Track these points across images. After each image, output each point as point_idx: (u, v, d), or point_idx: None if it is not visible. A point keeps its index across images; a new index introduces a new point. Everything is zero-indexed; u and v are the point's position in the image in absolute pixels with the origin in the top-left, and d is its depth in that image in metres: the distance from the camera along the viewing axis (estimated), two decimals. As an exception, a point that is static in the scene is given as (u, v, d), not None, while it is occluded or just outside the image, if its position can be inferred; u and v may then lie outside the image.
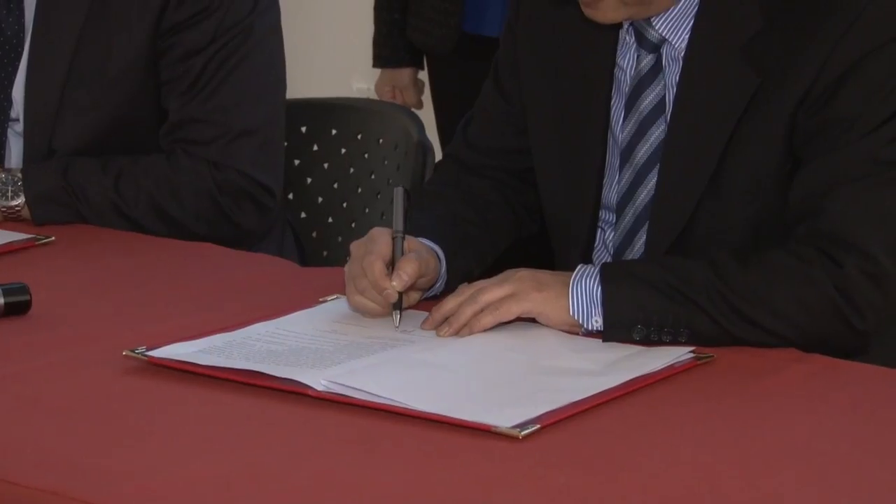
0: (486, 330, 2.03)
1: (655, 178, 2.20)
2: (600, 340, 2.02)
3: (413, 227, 2.17)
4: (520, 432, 1.68)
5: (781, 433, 1.76)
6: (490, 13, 3.42)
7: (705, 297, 2.00)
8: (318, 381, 1.82)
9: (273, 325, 2.05)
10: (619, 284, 2.02)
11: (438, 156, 2.88)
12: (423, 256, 2.11)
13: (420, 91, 3.65)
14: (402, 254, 2.08)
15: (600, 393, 1.82)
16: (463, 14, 3.44)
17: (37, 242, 2.44)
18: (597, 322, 2.02)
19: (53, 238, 2.45)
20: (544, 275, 2.07)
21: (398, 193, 2.14)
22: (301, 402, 1.80)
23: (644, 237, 2.22)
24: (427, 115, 3.51)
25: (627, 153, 2.23)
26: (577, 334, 2.04)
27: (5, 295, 2.11)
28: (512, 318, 2.03)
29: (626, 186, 2.24)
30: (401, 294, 2.05)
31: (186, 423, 1.79)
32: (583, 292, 2.02)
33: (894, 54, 2.08)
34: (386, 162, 2.89)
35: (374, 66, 3.65)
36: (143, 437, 1.73)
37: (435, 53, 3.57)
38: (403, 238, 2.10)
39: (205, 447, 1.70)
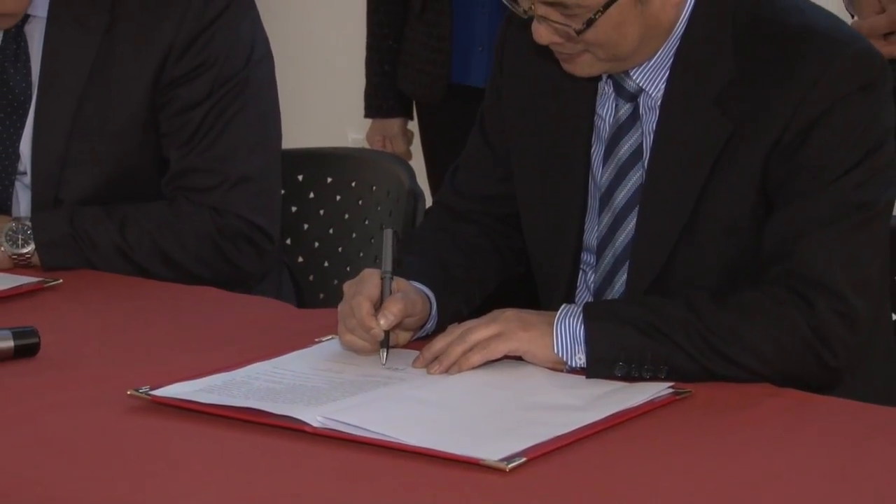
0: (474, 367, 2.02)
1: (634, 221, 2.19)
2: (584, 377, 2.01)
3: (404, 270, 2.17)
4: (507, 465, 1.67)
5: (757, 465, 1.76)
6: (475, 65, 3.43)
7: (683, 335, 2.00)
8: (315, 417, 1.82)
9: (271, 365, 2.05)
10: (600, 323, 2.02)
11: (429, 202, 2.89)
12: (409, 296, 2.11)
13: (409, 141, 3.66)
14: (390, 293, 2.08)
15: (584, 427, 1.82)
16: (450, 66, 3.45)
17: (45, 286, 2.43)
18: (580, 359, 2.02)
19: (61, 281, 2.45)
20: (529, 315, 2.07)
21: (387, 235, 2.14)
22: (298, 437, 1.80)
23: (624, 277, 2.21)
24: (417, 163, 3.51)
25: (607, 197, 2.22)
26: (562, 371, 2.04)
27: (15, 338, 2.11)
28: (499, 356, 2.03)
29: (605, 229, 2.24)
30: (387, 332, 2.05)
31: (189, 460, 1.78)
32: (566, 331, 2.02)
33: (861, 103, 2.08)
34: (379, 208, 2.90)
35: (366, 116, 3.66)
36: (147, 473, 1.72)
37: (424, 103, 3.57)
38: (391, 279, 2.10)
39: (207, 482, 1.70)
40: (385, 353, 2.06)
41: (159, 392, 1.94)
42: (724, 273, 2.15)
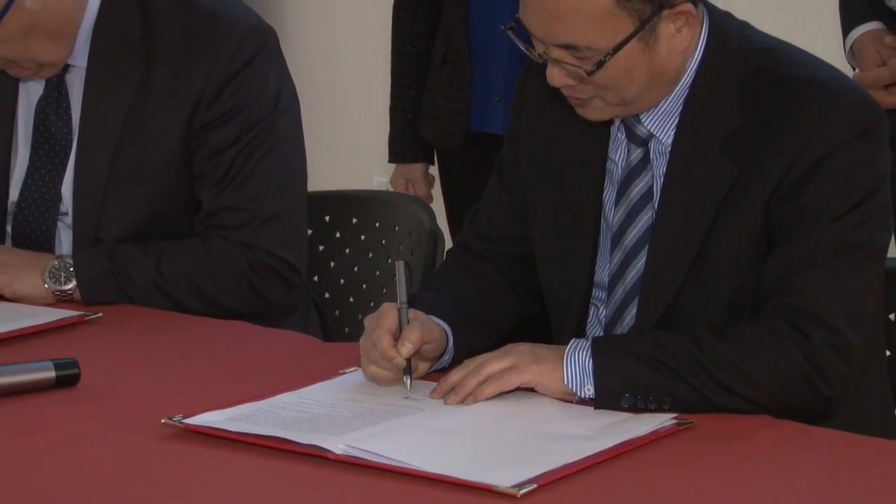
0: (488, 398, 2.03)
1: (644, 259, 2.20)
2: (592, 408, 2.02)
3: (423, 306, 2.19)
4: (518, 491, 1.69)
5: (755, 493, 1.76)
6: (493, 113, 3.43)
7: (686, 368, 2.01)
8: (337, 445, 1.83)
9: (297, 395, 2.06)
10: (608, 357, 2.02)
11: (448, 243, 2.90)
12: (426, 324, 2.12)
13: (430, 184, 3.66)
14: (408, 322, 2.10)
15: (592, 455, 1.82)
16: (469, 114, 3.46)
17: (85, 319, 2.44)
18: (589, 391, 2.02)
19: (101, 315, 2.46)
20: (541, 348, 2.08)
21: (399, 267, 2.16)
22: (321, 464, 1.81)
23: (633, 312, 2.22)
24: (438, 205, 3.51)
25: (618, 237, 2.23)
26: (571, 402, 2.04)
27: (56, 368, 2.12)
28: (512, 387, 2.03)
29: (616, 266, 2.24)
30: (409, 360, 2.07)
31: (219, 485, 1.80)
32: (576, 364, 2.03)
33: (859, 149, 2.08)
34: (401, 247, 2.90)
35: (390, 161, 3.66)
36: (179, 498, 1.74)
37: (444, 149, 3.57)
38: (407, 308, 2.12)
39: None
40: (409, 381, 2.08)
41: (191, 420, 1.95)
42: (728, 308, 2.14)
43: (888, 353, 2.36)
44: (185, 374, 2.21)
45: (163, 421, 1.95)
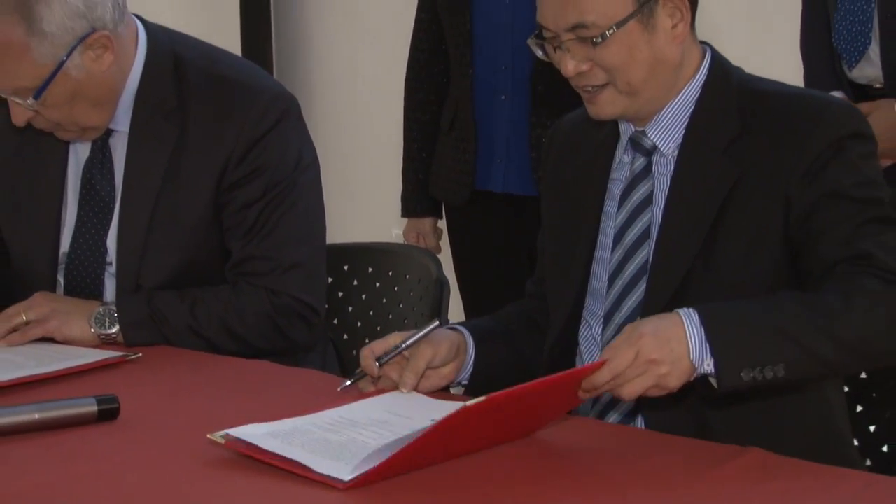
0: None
1: (643, 254, 2.20)
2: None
3: (468, 325, 2.27)
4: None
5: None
6: (495, 174, 3.44)
7: (805, 331, 1.95)
8: (348, 473, 1.82)
9: (335, 413, 2.05)
10: (725, 335, 1.95)
11: (454, 290, 2.91)
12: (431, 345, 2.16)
13: (439, 237, 3.66)
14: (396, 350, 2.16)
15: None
16: (474, 175, 3.46)
17: (127, 359, 2.44)
18: (709, 366, 1.94)
19: (140, 355, 2.45)
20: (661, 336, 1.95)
21: (432, 324, 2.19)
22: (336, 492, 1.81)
23: (631, 301, 2.20)
24: (445, 256, 3.53)
25: (618, 237, 2.23)
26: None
27: (98, 403, 2.12)
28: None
29: (616, 264, 2.24)
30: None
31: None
32: (695, 341, 1.95)
33: (857, 143, 2.10)
34: (411, 294, 2.90)
35: (403, 216, 3.67)
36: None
37: (452, 206, 3.58)
38: (403, 349, 2.16)
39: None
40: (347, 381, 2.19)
41: (233, 432, 1.95)
42: (736, 292, 2.10)
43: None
44: (217, 409, 2.19)
45: (207, 436, 1.96)
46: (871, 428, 2.29)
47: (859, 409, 2.30)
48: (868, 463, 2.29)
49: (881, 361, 2.02)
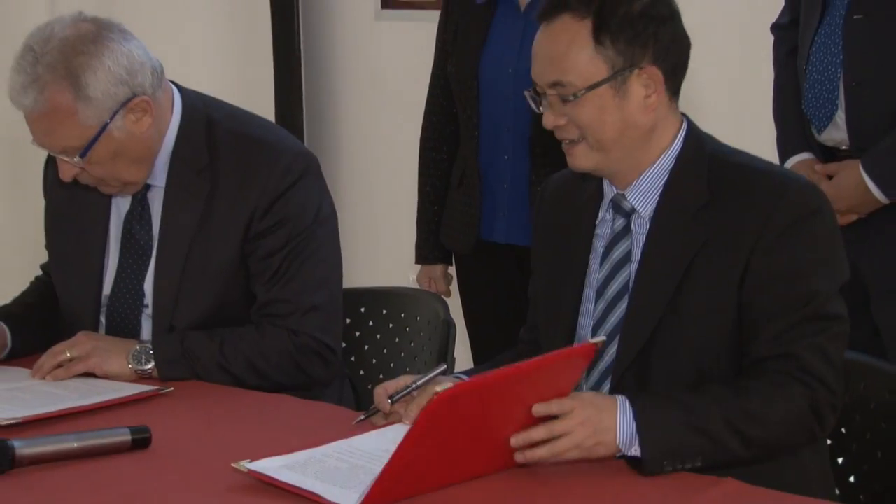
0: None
1: (623, 307, 2.17)
2: None
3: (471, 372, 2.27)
4: None
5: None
6: (498, 226, 3.41)
7: (719, 431, 1.98)
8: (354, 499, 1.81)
9: (347, 444, 2.04)
10: (653, 431, 1.97)
11: (461, 331, 2.89)
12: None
13: (449, 282, 3.65)
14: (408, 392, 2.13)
15: None
16: (479, 227, 3.43)
17: (160, 393, 2.42)
18: (636, 451, 1.96)
19: (172, 389, 2.43)
20: (601, 417, 1.98)
21: (440, 367, 2.20)
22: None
23: (611, 352, 2.17)
24: (455, 299, 3.51)
25: (601, 290, 2.21)
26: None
27: (132, 433, 2.11)
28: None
29: (599, 315, 2.21)
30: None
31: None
32: (626, 431, 1.97)
33: (814, 222, 2.08)
34: (421, 334, 2.88)
35: (416, 262, 3.65)
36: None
37: (460, 254, 3.55)
38: (413, 389, 2.14)
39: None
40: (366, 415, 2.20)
41: (254, 465, 1.94)
42: (697, 349, 2.10)
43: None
44: (241, 439, 2.16)
45: (232, 465, 1.94)
46: (851, 479, 2.24)
47: (840, 460, 2.25)
48: (838, 493, 2.24)
49: (785, 453, 2.05)
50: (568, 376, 1.98)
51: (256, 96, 4.80)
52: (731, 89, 3.78)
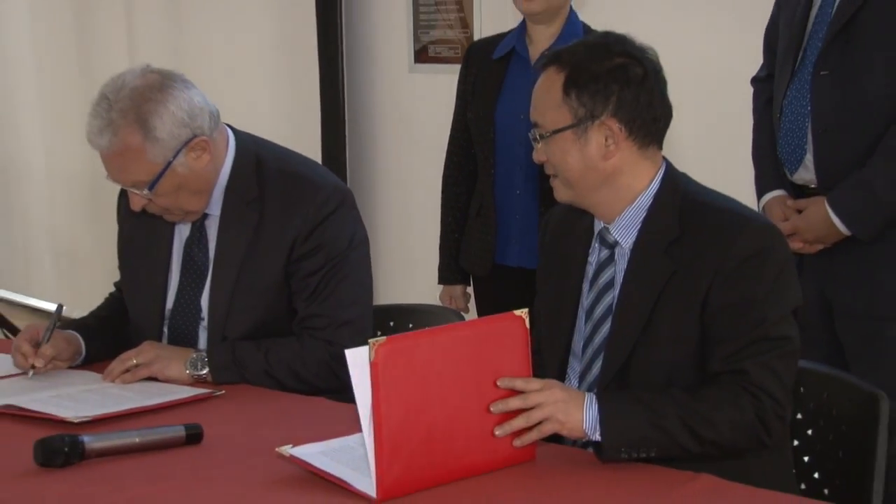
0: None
1: (607, 327, 2.18)
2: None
3: None
4: None
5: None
6: (511, 251, 3.42)
7: (674, 425, 1.98)
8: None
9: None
10: (614, 419, 1.98)
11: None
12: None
13: (467, 300, 3.64)
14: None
15: None
16: (495, 252, 3.44)
17: (212, 395, 2.43)
18: (597, 437, 1.97)
19: (224, 392, 2.45)
20: (572, 401, 2.00)
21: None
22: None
23: (598, 365, 2.18)
24: (472, 316, 3.51)
25: (589, 312, 2.22)
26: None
27: (186, 430, 2.13)
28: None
29: (587, 334, 2.22)
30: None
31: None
32: (591, 418, 1.97)
33: (769, 258, 2.07)
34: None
35: (439, 283, 3.66)
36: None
37: (477, 276, 3.56)
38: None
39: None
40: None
41: (295, 450, 1.96)
42: (666, 365, 2.11)
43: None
44: (283, 435, 2.16)
45: (276, 450, 1.96)
46: (816, 475, 2.25)
47: (807, 459, 2.26)
48: (803, 487, 2.25)
49: (732, 453, 2.04)
50: (511, 347, 1.94)
51: (306, 136, 4.85)
52: (717, 134, 3.79)
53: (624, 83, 2.11)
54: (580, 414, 1.97)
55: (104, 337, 2.71)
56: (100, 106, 2.44)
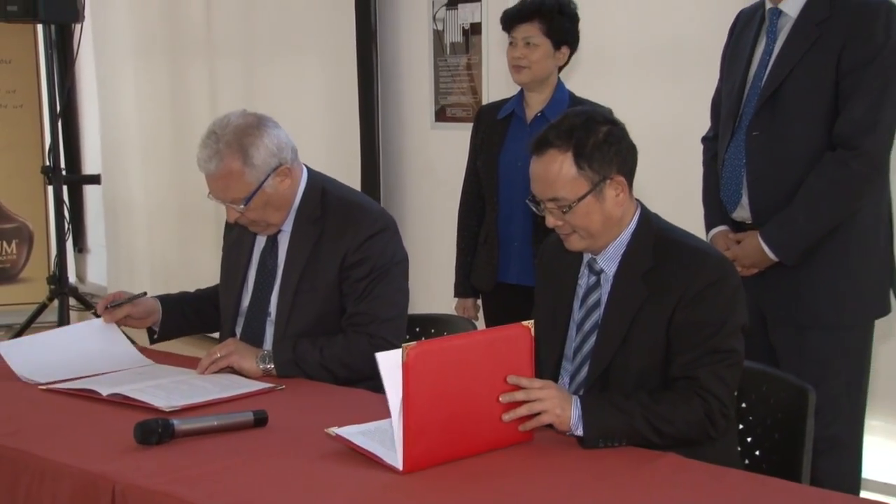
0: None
1: (592, 340, 2.15)
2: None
3: None
4: None
5: (644, 497, 1.69)
6: (511, 271, 3.38)
7: (639, 421, 1.95)
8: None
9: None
10: (593, 416, 1.94)
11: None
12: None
13: (477, 311, 3.60)
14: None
15: None
16: (497, 271, 3.41)
17: (275, 389, 2.39)
18: (579, 432, 1.94)
19: (284, 386, 2.41)
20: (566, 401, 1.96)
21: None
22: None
23: (584, 370, 2.15)
24: (480, 324, 3.48)
25: (580, 325, 2.18)
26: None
27: (254, 415, 2.10)
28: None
29: (577, 343, 2.18)
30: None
31: (354, 487, 1.77)
32: (575, 415, 1.95)
33: (722, 287, 2.04)
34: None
35: (454, 296, 3.61)
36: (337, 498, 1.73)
37: (484, 291, 3.52)
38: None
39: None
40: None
41: (340, 430, 1.93)
42: (642, 371, 2.08)
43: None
44: (333, 420, 2.11)
45: (325, 430, 1.94)
46: (757, 452, 2.22)
47: (749, 440, 2.23)
48: (746, 462, 2.22)
49: (696, 442, 2.00)
50: (518, 351, 1.89)
51: (349, 179, 4.80)
52: (675, 180, 3.76)
53: (616, 143, 2.09)
54: (570, 411, 1.93)
55: (184, 311, 2.73)
56: (209, 139, 2.46)
